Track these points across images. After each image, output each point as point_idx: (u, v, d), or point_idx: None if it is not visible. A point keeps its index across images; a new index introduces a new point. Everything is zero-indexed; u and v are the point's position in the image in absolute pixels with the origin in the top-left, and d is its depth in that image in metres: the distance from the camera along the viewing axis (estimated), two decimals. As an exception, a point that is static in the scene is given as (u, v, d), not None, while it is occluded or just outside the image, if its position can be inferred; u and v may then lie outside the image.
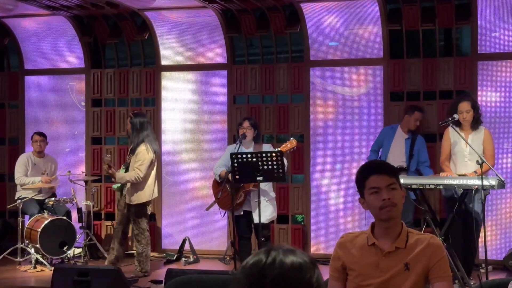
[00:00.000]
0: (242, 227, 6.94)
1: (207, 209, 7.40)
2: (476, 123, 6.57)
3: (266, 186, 6.82)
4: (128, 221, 7.26)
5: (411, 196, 6.34)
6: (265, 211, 6.70)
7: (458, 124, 6.52)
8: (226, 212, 7.13)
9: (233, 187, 6.71)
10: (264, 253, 1.70)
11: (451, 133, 6.61)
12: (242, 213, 6.91)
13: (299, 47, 8.53)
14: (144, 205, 7.15)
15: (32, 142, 8.28)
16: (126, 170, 7.12)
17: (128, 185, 7.05)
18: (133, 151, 7.10)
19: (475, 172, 6.24)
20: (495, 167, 6.26)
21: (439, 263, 2.88)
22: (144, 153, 7.01)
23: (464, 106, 6.52)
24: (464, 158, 6.52)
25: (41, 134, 8.32)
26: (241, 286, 1.65)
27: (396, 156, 7.11)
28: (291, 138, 6.86)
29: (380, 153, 7.40)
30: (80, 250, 7.87)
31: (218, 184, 6.96)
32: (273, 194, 7.04)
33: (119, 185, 7.19)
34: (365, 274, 2.92)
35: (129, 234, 7.68)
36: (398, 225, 2.95)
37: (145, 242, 7.17)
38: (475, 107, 6.58)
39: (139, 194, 7.05)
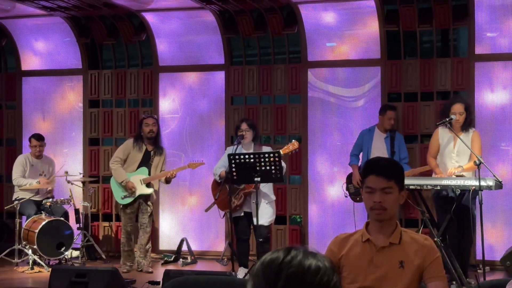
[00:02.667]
0: (242, 228, 6.92)
1: (207, 210, 7.40)
2: (468, 125, 6.55)
3: (266, 188, 6.79)
4: None
5: None
6: (265, 214, 6.69)
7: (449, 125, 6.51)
8: (226, 213, 7.11)
9: (232, 188, 6.70)
10: (284, 251, 1.66)
11: (441, 133, 6.61)
12: (242, 214, 6.89)
13: (296, 48, 8.54)
14: None
15: (30, 146, 8.21)
16: (149, 171, 7.48)
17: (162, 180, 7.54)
18: (157, 153, 7.52)
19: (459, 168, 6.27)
20: (490, 167, 6.25)
21: (434, 263, 2.91)
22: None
23: (458, 108, 6.51)
24: (452, 160, 6.51)
25: (39, 138, 8.17)
26: (258, 279, 1.64)
27: (378, 156, 7.08)
28: (293, 140, 6.79)
29: (360, 156, 7.45)
30: (78, 252, 7.87)
31: (217, 185, 6.94)
32: (273, 197, 7.00)
33: None
34: (359, 270, 2.94)
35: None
36: (392, 224, 2.97)
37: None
38: (468, 109, 6.57)
39: None
